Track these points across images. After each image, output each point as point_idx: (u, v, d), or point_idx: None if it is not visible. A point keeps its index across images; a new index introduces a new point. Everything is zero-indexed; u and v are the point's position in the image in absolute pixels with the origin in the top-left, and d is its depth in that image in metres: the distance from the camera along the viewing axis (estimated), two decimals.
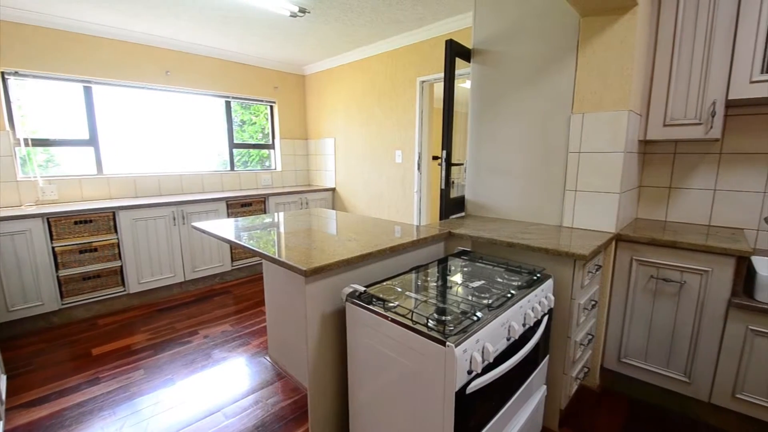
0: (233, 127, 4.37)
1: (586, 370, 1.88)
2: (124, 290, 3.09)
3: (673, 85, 1.84)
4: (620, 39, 1.71)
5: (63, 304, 2.80)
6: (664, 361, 1.80)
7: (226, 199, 3.65)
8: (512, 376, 1.32)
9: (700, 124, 1.79)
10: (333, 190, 4.74)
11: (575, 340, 1.66)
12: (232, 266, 3.76)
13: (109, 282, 3.02)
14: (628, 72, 1.71)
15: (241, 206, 3.78)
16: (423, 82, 3.57)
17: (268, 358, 2.34)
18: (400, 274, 1.55)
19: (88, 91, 3.34)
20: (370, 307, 1.25)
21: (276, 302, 2.18)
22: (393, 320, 1.16)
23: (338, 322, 1.47)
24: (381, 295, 1.31)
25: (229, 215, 3.69)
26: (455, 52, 2.16)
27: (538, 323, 1.41)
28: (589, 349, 1.90)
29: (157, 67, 3.66)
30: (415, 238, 1.71)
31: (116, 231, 3.01)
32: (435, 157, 3.79)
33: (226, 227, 1.97)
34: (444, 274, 1.57)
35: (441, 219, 2.28)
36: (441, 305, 1.26)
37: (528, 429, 1.51)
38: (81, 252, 2.85)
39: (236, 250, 3.77)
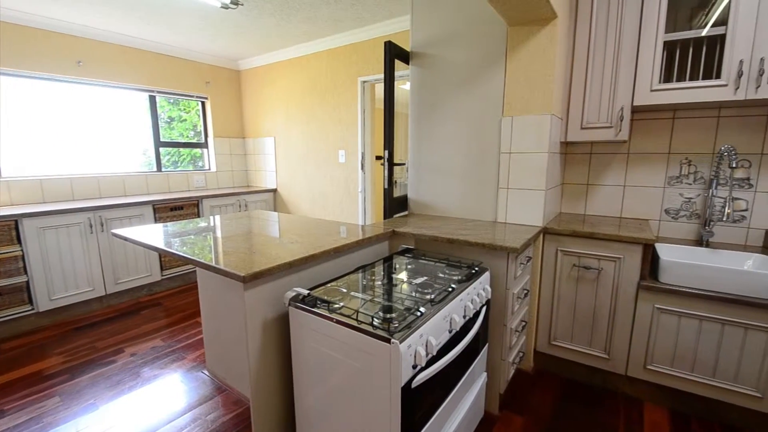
0: (159, 123, 4.03)
1: (521, 354, 2.02)
2: (32, 309, 2.72)
3: (588, 92, 2.04)
4: (543, 48, 1.86)
5: None
6: (587, 341, 1.99)
7: (153, 203, 3.36)
8: (455, 367, 1.37)
9: (611, 127, 2.00)
10: (274, 191, 4.59)
11: (511, 328, 1.77)
12: (162, 276, 3.47)
13: (13, 300, 2.64)
14: (550, 79, 1.86)
15: (170, 210, 3.50)
16: (364, 82, 3.58)
17: (206, 371, 2.20)
18: (345, 274, 1.54)
19: None
20: (314, 309, 1.22)
21: (213, 312, 2.05)
22: (338, 321, 1.15)
23: (281, 328, 1.42)
24: (325, 297, 1.29)
25: (156, 220, 3.40)
26: (394, 53, 2.20)
27: (477, 314, 1.48)
28: (523, 334, 2.05)
29: (66, 56, 3.26)
30: (359, 238, 1.71)
31: (20, 242, 2.64)
32: (378, 157, 3.82)
33: (153, 233, 1.81)
34: (389, 273, 1.59)
35: (385, 218, 2.31)
36: (386, 303, 1.27)
37: (471, 415, 1.58)
38: None
39: (166, 259, 3.49)
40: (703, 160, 2.05)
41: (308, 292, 1.31)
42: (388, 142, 2.23)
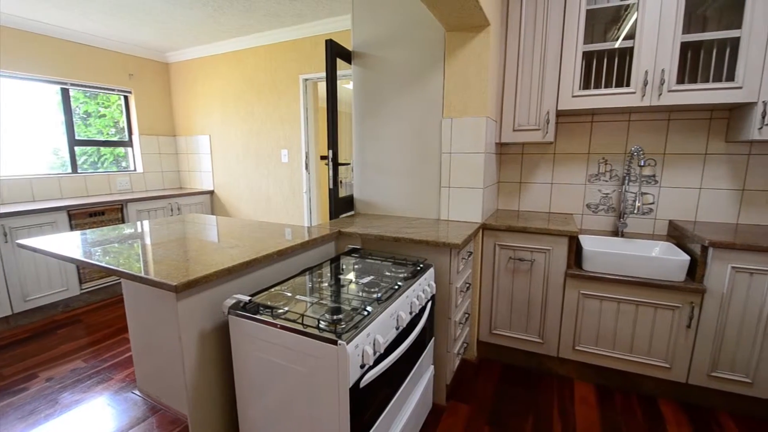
0: (74, 119, 3.61)
1: (465, 345, 2.11)
2: None
3: (519, 96, 2.17)
4: (477, 54, 1.95)
5: None
6: (523, 328, 2.13)
7: (68, 208, 3.01)
8: (403, 362, 1.39)
9: (538, 129, 2.15)
10: (211, 192, 4.33)
11: (455, 320, 1.84)
12: (82, 290, 3.12)
13: None
14: (484, 83, 1.96)
15: (89, 216, 3.16)
16: (306, 80, 3.50)
17: (137, 391, 2.01)
18: (290, 278, 1.50)
19: None
20: (257, 316, 1.17)
21: (143, 326, 1.88)
22: (282, 327, 1.11)
23: (221, 339, 1.35)
24: (269, 303, 1.24)
25: (72, 228, 3.05)
26: (335, 52, 2.17)
27: (423, 309, 1.52)
28: (466, 326, 2.14)
29: None
30: (304, 240, 1.67)
31: None
32: (323, 157, 3.76)
33: (69, 243, 1.62)
34: (335, 274, 1.57)
35: (331, 219, 2.28)
36: (333, 305, 1.25)
37: (420, 408, 1.62)
38: None
39: (86, 270, 3.14)
40: (617, 159, 2.29)
41: (249, 298, 1.25)
42: (332, 141, 2.20)
